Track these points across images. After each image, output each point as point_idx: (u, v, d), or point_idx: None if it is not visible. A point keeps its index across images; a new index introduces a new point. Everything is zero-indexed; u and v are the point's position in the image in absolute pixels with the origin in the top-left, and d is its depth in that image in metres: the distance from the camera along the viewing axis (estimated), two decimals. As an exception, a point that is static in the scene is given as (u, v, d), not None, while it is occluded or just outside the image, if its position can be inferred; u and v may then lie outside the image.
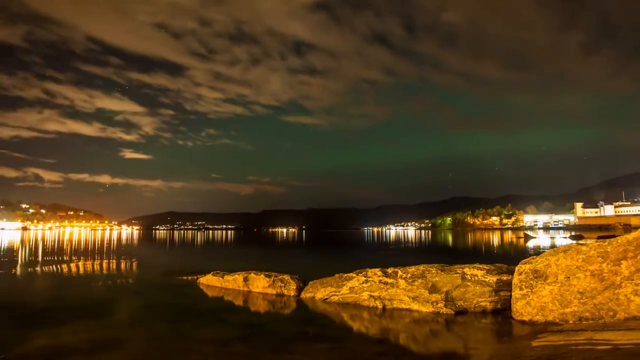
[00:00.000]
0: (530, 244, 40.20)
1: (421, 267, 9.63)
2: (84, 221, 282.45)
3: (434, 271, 9.37)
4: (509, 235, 73.83)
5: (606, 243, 7.52)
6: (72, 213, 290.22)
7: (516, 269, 8.39)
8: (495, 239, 58.86)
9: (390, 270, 9.94)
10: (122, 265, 20.01)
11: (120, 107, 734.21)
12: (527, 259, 8.36)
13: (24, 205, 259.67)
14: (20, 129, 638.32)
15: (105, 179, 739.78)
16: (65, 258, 24.66)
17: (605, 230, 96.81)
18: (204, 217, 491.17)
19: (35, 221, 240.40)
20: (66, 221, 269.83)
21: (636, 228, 8.68)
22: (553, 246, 7.30)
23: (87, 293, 11.81)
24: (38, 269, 18.68)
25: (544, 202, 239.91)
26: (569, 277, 7.55)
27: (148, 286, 13.23)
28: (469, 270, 9.18)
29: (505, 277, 8.88)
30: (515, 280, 8.24)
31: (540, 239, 51.75)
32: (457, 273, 9.16)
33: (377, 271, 10.00)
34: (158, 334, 7.34)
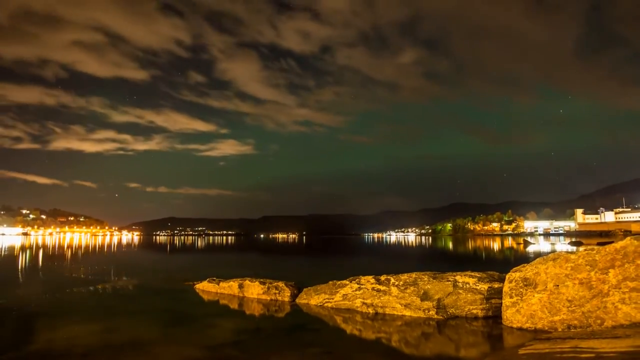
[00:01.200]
0: (529, 250, 40.20)
1: (413, 275, 9.70)
2: (84, 227, 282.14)
3: (426, 279, 9.45)
4: (509, 242, 73.82)
5: (594, 252, 7.60)
6: (72, 219, 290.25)
7: (507, 277, 8.45)
8: (494, 245, 58.84)
9: (383, 277, 10.01)
10: (119, 271, 20.08)
11: (205, 129, 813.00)
12: (518, 267, 8.42)
13: (24, 211, 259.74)
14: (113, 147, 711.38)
15: (150, 188, 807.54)
16: (63, 263, 24.75)
17: (605, 237, 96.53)
18: (204, 223, 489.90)
19: (35, 227, 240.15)
20: (66, 227, 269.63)
21: (637, 234, 8.74)
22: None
23: (83, 298, 11.87)
24: (36, 273, 18.78)
25: (544, 209, 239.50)
26: (558, 286, 7.62)
27: (144, 291, 13.29)
28: (460, 277, 9.26)
29: (496, 285, 8.95)
30: (506, 288, 8.30)
31: (539, 245, 51.79)
32: (449, 281, 9.24)
33: (370, 278, 10.07)
34: (151, 338, 7.41)
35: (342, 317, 9.20)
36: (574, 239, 75.77)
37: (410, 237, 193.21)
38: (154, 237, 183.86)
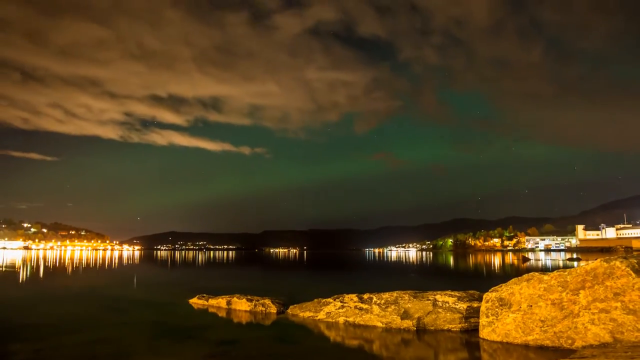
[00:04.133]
0: (527, 266, 40.28)
1: (394, 294, 9.89)
2: (85, 241, 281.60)
3: (406, 297, 9.63)
4: (510, 257, 73.77)
5: (566, 273, 7.80)
6: (73, 232, 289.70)
7: (484, 296, 8.66)
8: (493, 261, 58.76)
9: (366, 296, 10.21)
10: (115, 285, 20.34)
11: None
12: (495, 287, 8.62)
13: (25, 225, 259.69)
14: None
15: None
16: (60, 277, 24.98)
17: (606, 253, 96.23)
18: (205, 237, 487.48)
19: (36, 240, 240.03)
20: (67, 241, 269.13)
21: (638, 250, 8.96)
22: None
23: (75, 310, 12.29)
24: (31, 286, 18.99)
25: (545, 224, 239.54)
26: (531, 306, 7.81)
27: (137, 305, 13.61)
28: (440, 297, 9.44)
29: (475, 304, 9.13)
30: (483, 307, 8.50)
31: (539, 261, 51.83)
32: (429, 300, 9.42)
33: (354, 297, 10.27)
34: (136, 349, 7.75)
35: (325, 326, 9.66)
36: (574, 255, 75.72)
37: (411, 252, 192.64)
38: (154, 251, 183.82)
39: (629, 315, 6.83)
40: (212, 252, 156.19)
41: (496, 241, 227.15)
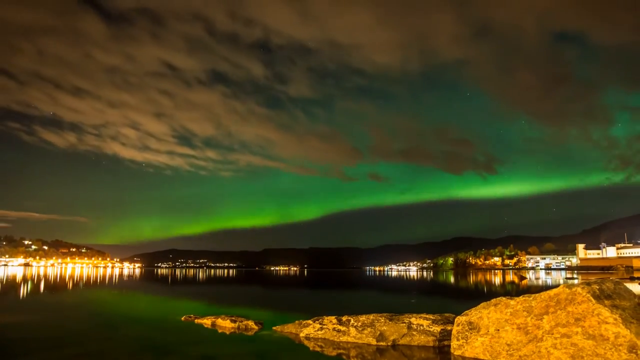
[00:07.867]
0: (524, 284, 40.41)
1: (371, 316, 10.15)
2: (85, 258, 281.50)
3: (382, 320, 9.88)
4: (510, 276, 73.79)
5: (531, 298, 8.07)
6: (74, 250, 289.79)
7: (455, 320, 8.90)
8: (491, 279, 58.75)
9: (344, 318, 10.47)
10: (109, 301, 20.61)
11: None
12: (466, 311, 8.87)
13: (26, 242, 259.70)
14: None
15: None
16: (57, 293, 25.24)
17: (607, 272, 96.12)
18: (206, 255, 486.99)
19: (37, 258, 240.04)
20: (68, 258, 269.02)
21: (638, 270, 9.23)
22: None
23: (65, 325, 12.64)
24: (25, 302, 19.20)
25: (546, 243, 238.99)
26: (498, 330, 8.06)
27: (126, 321, 14.04)
28: (415, 319, 9.69)
29: (449, 327, 9.37)
30: (454, 331, 8.74)
31: (536, 279, 51.89)
32: (404, 322, 9.67)
33: (332, 319, 10.52)
34: None
35: (304, 341, 9.89)
36: (574, 274, 75.66)
37: (412, 271, 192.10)
38: (155, 269, 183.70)
39: (588, 340, 7.07)
40: (212, 270, 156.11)
41: (497, 260, 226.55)
